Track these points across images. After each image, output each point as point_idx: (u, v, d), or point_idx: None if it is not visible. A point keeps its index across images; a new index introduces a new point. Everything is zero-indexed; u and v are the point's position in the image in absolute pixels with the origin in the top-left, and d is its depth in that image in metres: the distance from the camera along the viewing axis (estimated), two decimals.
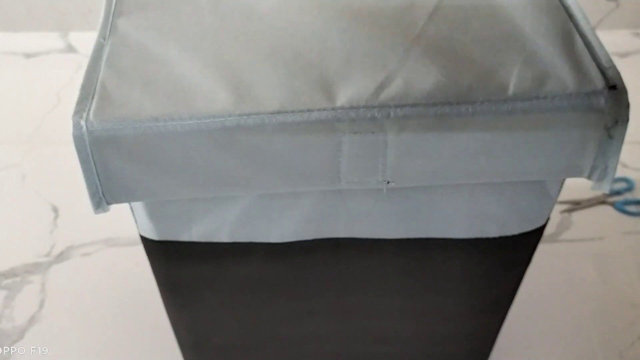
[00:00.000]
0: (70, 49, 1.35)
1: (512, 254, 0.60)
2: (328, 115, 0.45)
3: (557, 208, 1.01)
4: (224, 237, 0.55)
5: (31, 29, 1.37)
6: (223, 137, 0.45)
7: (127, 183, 0.47)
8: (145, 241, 0.56)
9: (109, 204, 0.48)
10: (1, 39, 1.36)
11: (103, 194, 0.48)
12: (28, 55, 1.33)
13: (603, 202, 1.02)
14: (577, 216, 1.01)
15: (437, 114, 0.45)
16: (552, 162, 0.48)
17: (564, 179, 0.53)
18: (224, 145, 0.45)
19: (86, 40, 0.47)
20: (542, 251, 0.93)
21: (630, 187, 1.05)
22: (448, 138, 0.46)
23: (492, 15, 0.53)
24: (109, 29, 0.52)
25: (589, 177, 0.49)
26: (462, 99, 0.45)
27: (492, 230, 0.56)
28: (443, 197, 0.53)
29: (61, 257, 0.95)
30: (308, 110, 0.45)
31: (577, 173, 0.49)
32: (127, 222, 0.56)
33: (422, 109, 0.45)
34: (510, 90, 0.46)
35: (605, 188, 0.49)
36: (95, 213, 0.49)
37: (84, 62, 0.50)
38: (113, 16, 0.53)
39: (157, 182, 0.47)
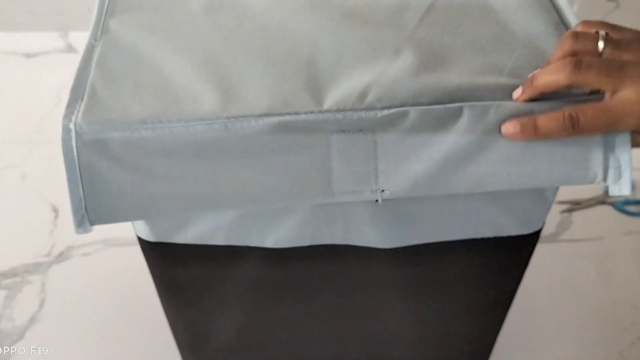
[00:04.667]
0: (70, 49, 1.35)
1: (510, 256, 0.60)
2: (315, 117, 0.44)
3: (557, 208, 1.01)
4: (219, 240, 0.54)
5: (31, 29, 1.37)
6: (210, 140, 0.44)
7: (111, 195, 0.45)
8: (142, 242, 0.56)
9: (92, 223, 0.46)
10: (1, 39, 1.36)
11: (86, 210, 0.45)
12: (28, 55, 1.33)
13: (603, 202, 1.02)
14: (577, 216, 1.01)
15: (423, 112, 0.45)
16: (556, 165, 0.46)
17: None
18: (211, 148, 0.45)
19: (86, 40, 0.47)
20: (542, 251, 0.93)
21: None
22: (438, 137, 0.45)
23: (484, 17, 0.53)
24: (100, 30, 0.52)
25: (604, 180, 0.47)
26: (450, 98, 0.45)
27: (489, 233, 0.56)
28: (439, 202, 0.52)
29: (61, 257, 0.95)
30: (295, 113, 0.44)
31: (586, 177, 0.47)
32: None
33: (409, 108, 0.45)
34: (499, 92, 0.45)
35: (625, 191, 0.46)
36: (77, 233, 0.46)
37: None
38: (105, 17, 0.53)
39: (142, 193, 0.45)
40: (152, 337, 0.85)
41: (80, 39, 1.35)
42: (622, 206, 1.01)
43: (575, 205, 1.02)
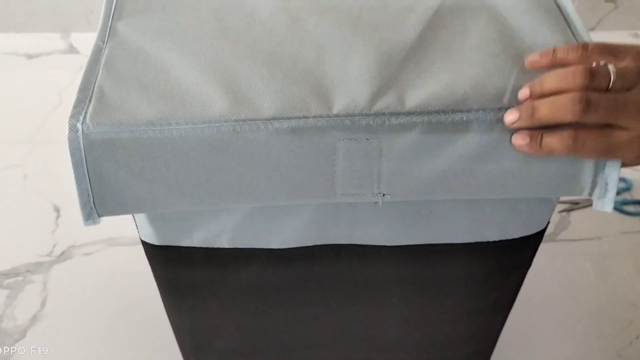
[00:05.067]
0: (71, 49, 1.35)
1: (513, 257, 0.60)
2: (323, 122, 0.45)
3: (556, 208, 1.02)
4: (224, 243, 0.54)
5: (33, 30, 1.37)
6: (218, 143, 0.45)
7: (119, 192, 0.46)
8: (146, 246, 0.56)
9: (100, 215, 0.47)
10: (3, 40, 1.37)
11: (94, 204, 0.46)
12: (30, 56, 1.34)
13: None
14: (576, 216, 1.01)
15: (431, 123, 0.45)
16: (549, 179, 0.48)
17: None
18: (219, 150, 0.45)
19: (87, 41, 0.47)
20: (541, 251, 0.93)
21: (628, 187, 1.05)
22: (443, 147, 0.46)
23: (491, 21, 0.53)
24: (107, 33, 0.52)
25: (590, 195, 0.48)
26: (457, 107, 0.45)
27: (493, 235, 0.56)
28: (443, 202, 0.52)
29: (63, 256, 0.96)
30: (304, 117, 0.45)
31: (575, 190, 0.48)
32: (128, 221, 0.56)
33: (417, 117, 0.45)
34: (506, 99, 0.46)
35: (607, 208, 0.48)
36: (85, 225, 0.47)
37: (85, 63, 0.50)
38: (112, 19, 0.53)
39: (150, 191, 0.46)
40: (154, 337, 0.85)
41: (82, 40, 1.36)
42: (620, 206, 1.02)
43: (574, 205, 1.02)
